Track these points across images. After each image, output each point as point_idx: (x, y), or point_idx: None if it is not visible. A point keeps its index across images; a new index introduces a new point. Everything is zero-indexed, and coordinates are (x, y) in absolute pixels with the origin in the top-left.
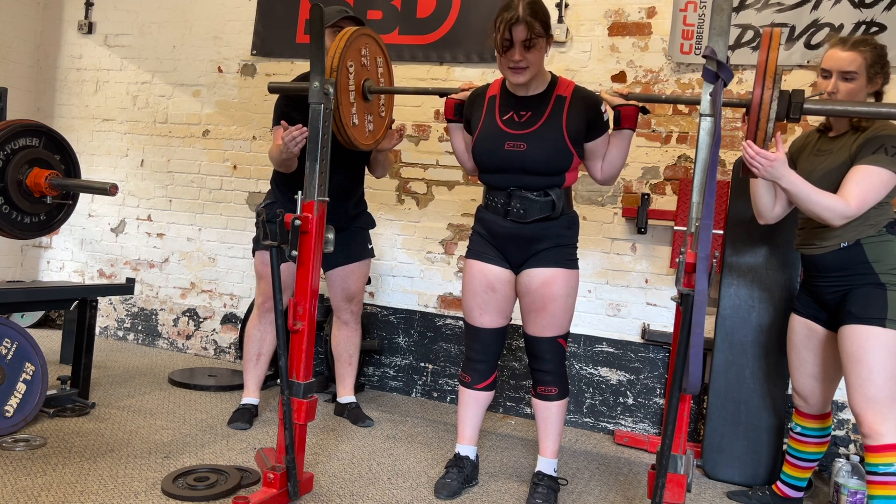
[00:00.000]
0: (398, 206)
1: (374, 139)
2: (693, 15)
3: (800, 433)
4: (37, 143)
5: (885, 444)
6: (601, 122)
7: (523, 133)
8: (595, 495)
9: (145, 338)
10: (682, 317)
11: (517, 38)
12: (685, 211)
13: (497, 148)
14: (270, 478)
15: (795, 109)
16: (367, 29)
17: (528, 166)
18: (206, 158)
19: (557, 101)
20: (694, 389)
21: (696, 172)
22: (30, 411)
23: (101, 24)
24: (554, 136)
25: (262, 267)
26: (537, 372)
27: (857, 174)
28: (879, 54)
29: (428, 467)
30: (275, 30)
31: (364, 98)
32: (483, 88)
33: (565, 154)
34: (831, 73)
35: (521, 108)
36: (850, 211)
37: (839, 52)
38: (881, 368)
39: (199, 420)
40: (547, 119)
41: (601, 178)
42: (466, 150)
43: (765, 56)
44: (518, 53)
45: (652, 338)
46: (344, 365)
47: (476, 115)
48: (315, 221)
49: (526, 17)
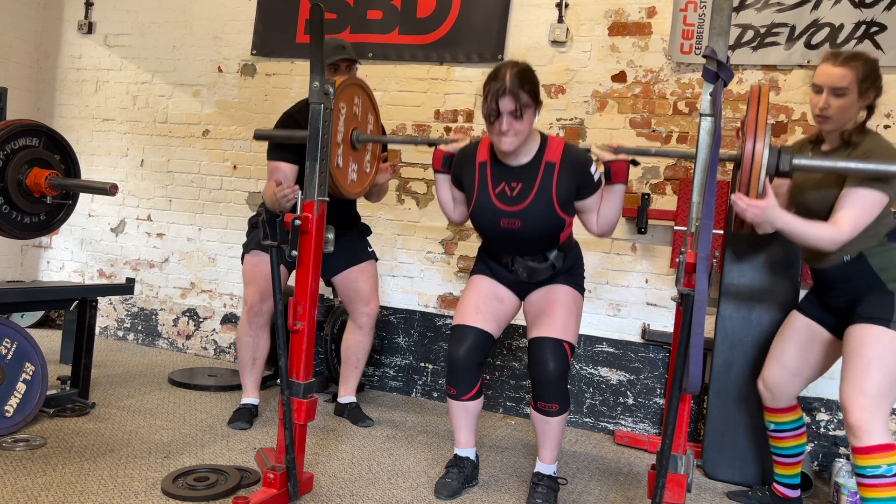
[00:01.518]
0: (398, 206)
1: (360, 189)
2: (693, 15)
3: (774, 430)
4: (37, 143)
5: (872, 445)
6: (592, 183)
7: (516, 210)
8: (595, 495)
9: (145, 338)
10: (682, 317)
11: (504, 109)
12: (685, 211)
13: (493, 225)
14: (270, 478)
15: (785, 163)
16: (358, 79)
17: (524, 241)
18: (206, 158)
19: (547, 170)
20: (694, 389)
21: (696, 172)
22: (30, 411)
23: (101, 24)
24: (546, 208)
25: (251, 269)
26: (539, 384)
27: (848, 198)
28: (871, 69)
29: (428, 467)
30: (275, 30)
31: (352, 147)
32: (472, 149)
33: (558, 223)
34: (822, 89)
35: (512, 179)
36: (843, 237)
37: (830, 67)
38: (879, 364)
39: (199, 420)
40: (538, 191)
41: (597, 231)
42: (452, 202)
43: (755, 112)
44: (506, 124)
45: (652, 338)
46: (350, 368)
47: (468, 180)
48: (315, 221)
49: (513, 89)
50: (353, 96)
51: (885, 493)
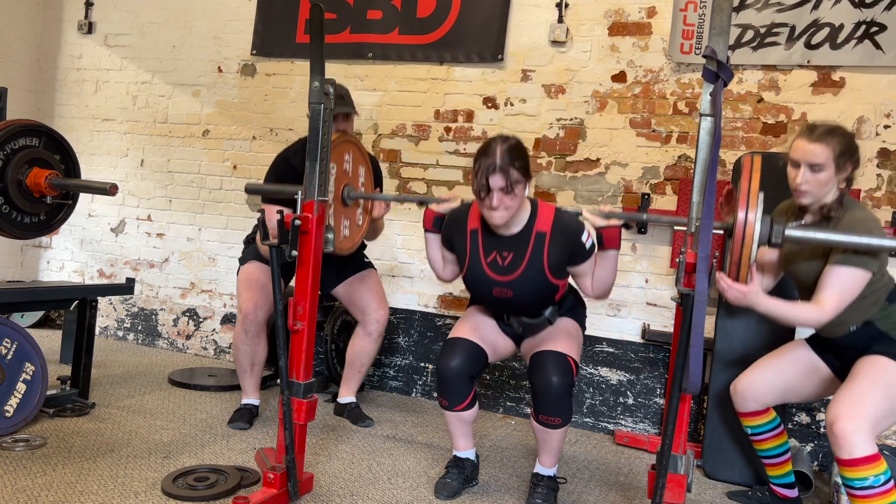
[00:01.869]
0: (398, 206)
1: (351, 244)
2: (693, 15)
3: (752, 433)
4: (37, 143)
5: (856, 458)
6: (583, 251)
7: (508, 280)
8: (595, 495)
9: (145, 338)
10: (682, 317)
11: (494, 185)
12: (685, 211)
13: (486, 292)
14: (270, 478)
15: (777, 235)
16: (350, 137)
17: (518, 307)
18: (206, 158)
19: (538, 240)
20: (694, 389)
21: (696, 172)
22: (30, 411)
23: (101, 24)
24: (537, 278)
25: (246, 277)
26: (541, 398)
27: (830, 277)
28: (847, 144)
29: (428, 467)
30: (275, 30)
31: (343, 203)
32: (464, 214)
33: (551, 289)
34: (800, 164)
35: (504, 249)
36: (827, 316)
37: (806, 144)
38: (884, 387)
39: (199, 420)
40: (528, 261)
41: (593, 295)
42: (441, 261)
43: (747, 183)
44: (496, 200)
45: (652, 338)
46: (353, 371)
47: (460, 247)
48: (315, 221)
49: (503, 166)
50: (344, 153)
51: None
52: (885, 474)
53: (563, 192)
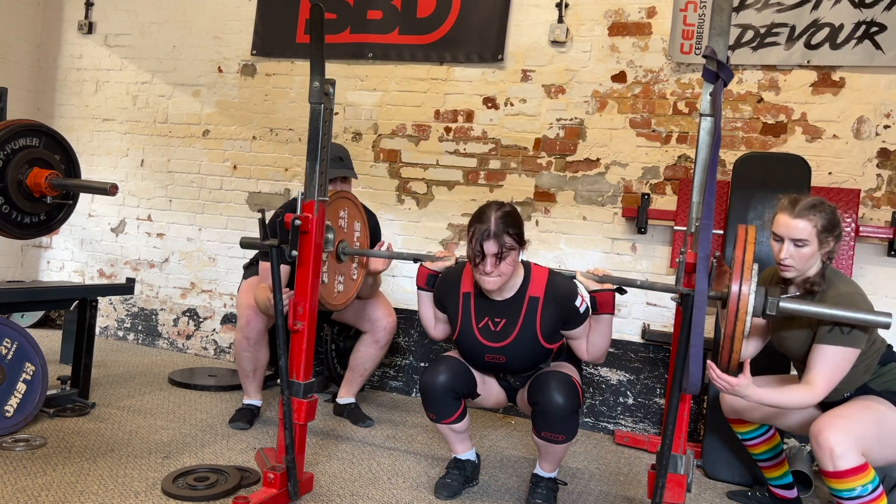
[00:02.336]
0: (398, 206)
1: (346, 299)
2: (693, 15)
3: (744, 439)
4: (37, 143)
5: (842, 469)
6: (577, 315)
7: (500, 346)
8: (595, 495)
9: (145, 338)
10: (682, 317)
11: (488, 251)
12: (685, 211)
13: (478, 358)
14: (270, 478)
15: (772, 308)
16: (346, 192)
17: (511, 371)
18: (206, 158)
19: (531, 305)
20: (694, 389)
21: (696, 172)
22: (30, 411)
23: (101, 24)
24: (530, 343)
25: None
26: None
27: (818, 357)
28: (829, 220)
29: (428, 467)
30: (275, 30)
31: (338, 259)
32: (457, 276)
33: (545, 353)
34: (783, 239)
35: (496, 315)
36: (819, 396)
37: (789, 219)
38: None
39: (199, 420)
40: (521, 327)
41: (588, 358)
42: (433, 319)
43: (741, 255)
44: (490, 266)
45: (652, 338)
46: (356, 374)
47: (452, 309)
48: (315, 221)
49: (497, 233)
50: (339, 209)
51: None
52: (872, 483)
53: (563, 192)
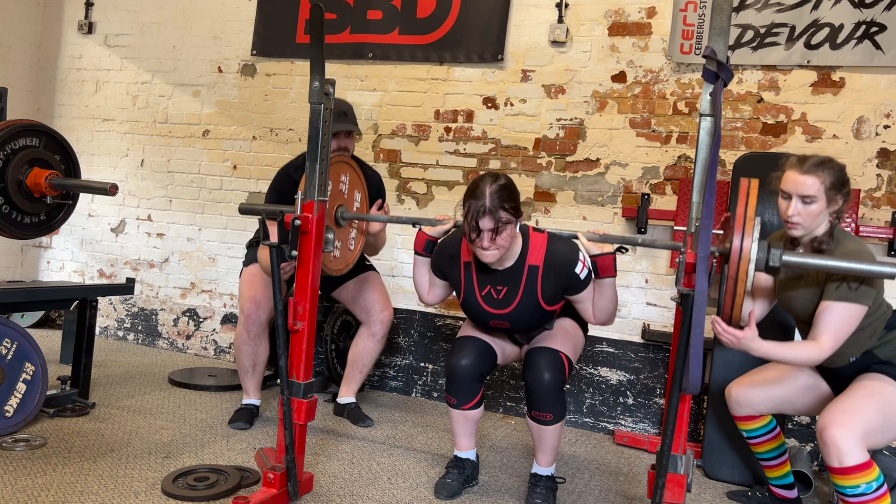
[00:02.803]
0: (398, 206)
1: (343, 265)
2: (693, 15)
3: (748, 437)
4: (37, 143)
5: (847, 466)
6: (578, 282)
7: (504, 312)
8: (595, 495)
9: (145, 338)
10: (682, 317)
11: (484, 227)
12: (685, 211)
13: (484, 323)
14: (270, 478)
15: (775, 259)
16: (347, 157)
17: (516, 334)
18: (206, 158)
19: (530, 274)
20: (694, 389)
21: (696, 172)
22: (30, 411)
23: (101, 24)
24: (533, 308)
25: (248, 279)
26: (533, 394)
27: (826, 314)
28: (838, 177)
29: (428, 467)
30: (275, 30)
31: (336, 224)
32: (456, 247)
33: (548, 315)
34: (791, 196)
35: (497, 283)
36: (826, 353)
37: (797, 175)
38: (879, 401)
39: (199, 420)
40: (522, 295)
41: (596, 322)
42: (427, 285)
43: (743, 207)
44: (486, 241)
45: (652, 338)
46: (355, 371)
47: (454, 277)
48: (315, 221)
49: (492, 208)
50: (340, 174)
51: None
52: (877, 480)
53: (563, 192)
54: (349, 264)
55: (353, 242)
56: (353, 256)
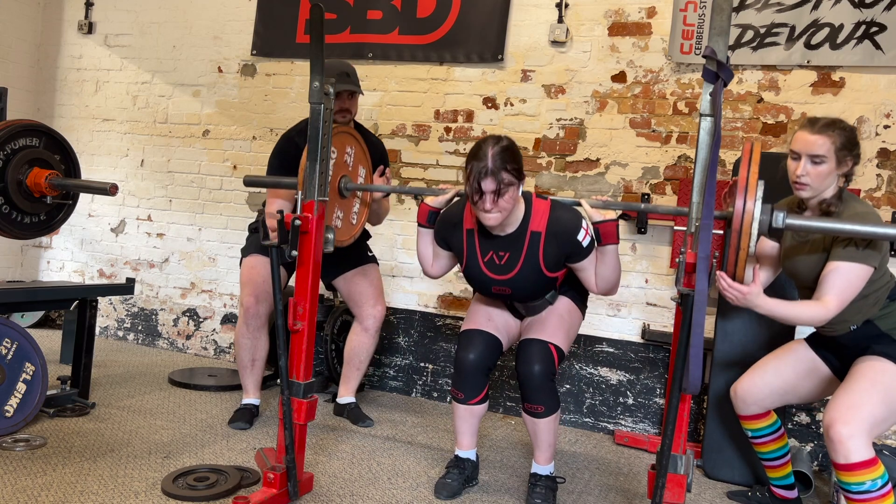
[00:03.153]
0: (398, 206)
1: (349, 236)
2: (693, 15)
3: (753, 436)
4: (37, 143)
5: (853, 462)
6: (581, 250)
7: (506, 278)
8: (595, 495)
9: (145, 338)
10: (682, 317)
11: (486, 189)
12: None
13: (485, 290)
14: (270, 478)
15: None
16: (353, 130)
17: (518, 301)
18: (206, 158)
19: (532, 240)
20: (694, 389)
21: (696, 172)
22: (30, 411)
23: (101, 24)
24: (534, 275)
25: (248, 271)
26: (524, 386)
27: (832, 274)
28: (848, 138)
29: (428, 467)
30: (275, 30)
31: (340, 195)
32: (458, 215)
33: (549, 283)
34: (800, 156)
35: (500, 249)
36: (830, 313)
37: (808, 135)
38: (882, 391)
39: (199, 420)
40: (525, 261)
41: (598, 291)
42: (431, 256)
43: (746, 171)
44: (489, 203)
45: (652, 338)
46: (352, 369)
47: (456, 245)
48: (315, 221)
49: (495, 170)
50: (346, 145)
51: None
52: (882, 478)
53: (563, 192)
54: (354, 236)
55: (356, 216)
56: (357, 228)
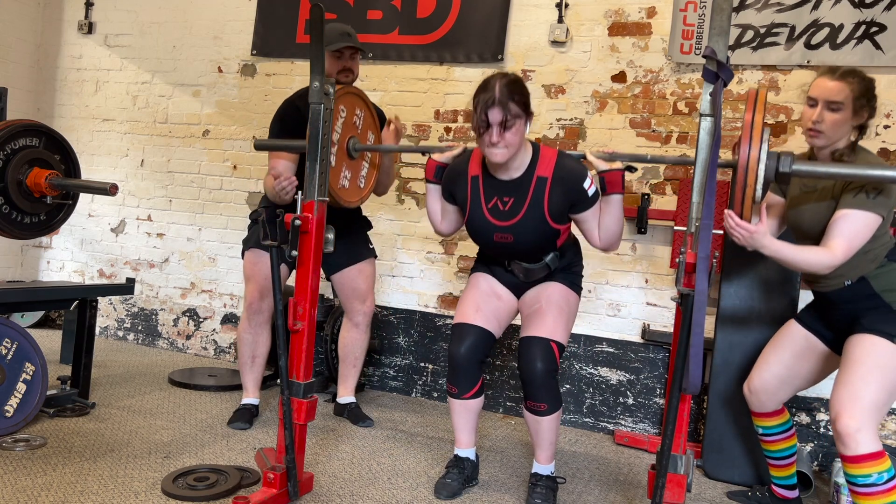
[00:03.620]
0: (398, 206)
1: (359, 198)
2: (693, 15)
3: (763, 434)
4: (37, 143)
5: (861, 454)
6: (586, 198)
7: (508, 224)
8: (595, 495)
9: (145, 338)
10: (682, 317)
11: (493, 120)
12: (685, 211)
13: (487, 238)
14: (270, 478)
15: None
16: (363, 94)
17: (519, 253)
18: (206, 158)
19: (538, 184)
20: (694, 389)
21: (696, 172)
22: (30, 411)
23: (101, 24)
24: (538, 223)
25: (252, 267)
26: (527, 384)
27: (841, 221)
28: (867, 87)
29: (428, 467)
30: (275, 30)
31: (349, 156)
32: (464, 163)
33: (552, 234)
34: (817, 102)
35: (504, 194)
36: (837, 260)
37: (827, 81)
38: (879, 375)
39: (199, 420)
40: (529, 206)
41: (601, 244)
42: (440, 213)
43: (751, 116)
44: (496, 135)
45: (652, 338)
46: (348, 366)
47: (461, 194)
48: (315, 221)
49: (502, 99)
50: (356, 107)
51: (878, 500)
52: (888, 472)
53: None
54: (363, 197)
55: (364, 180)
56: (365, 191)
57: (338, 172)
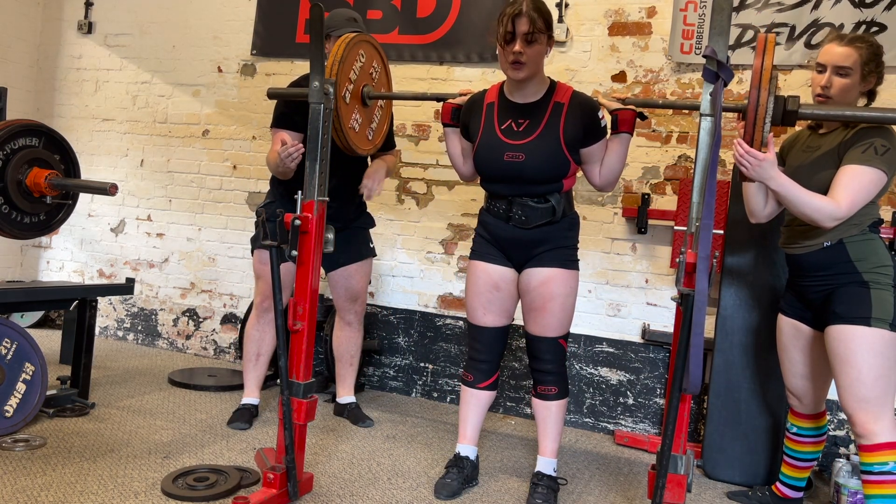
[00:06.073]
0: (398, 206)
1: (372, 146)
2: (693, 15)
3: (796, 433)
4: (37, 143)
5: (879, 443)
6: (598, 128)
7: (521, 143)
8: (595, 495)
9: (145, 338)
10: (682, 317)
11: (519, 30)
12: (685, 211)
13: (496, 158)
14: (270, 478)
15: (790, 114)
16: (367, 35)
17: (527, 176)
18: (205, 158)
19: (555, 109)
20: (694, 389)
21: (696, 172)
22: (30, 411)
23: (101, 24)
24: (551, 145)
25: (261, 266)
26: (537, 372)
27: (847, 175)
28: (875, 53)
29: (428, 467)
30: (275, 30)
31: (363, 104)
32: (480, 95)
33: (563, 163)
34: (826, 68)
35: (520, 116)
36: (841, 213)
37: (836, 46)
38: (869, 368)
39: (199, 420)
40: (544, 128)
41: (599, 182)
42: (462, 156)
43: (759, 61)
44: (519, 45)
45: (652, 338)
46: (345, 366)
47: (475, 123)
48: (315, 221)
49: (529, 12)
50: (374, 60)
51: (890, 489)
52: None
53: None
54: (376, 145)
55: (373, 132)
56: (375, 142)
57: (349, 114)
